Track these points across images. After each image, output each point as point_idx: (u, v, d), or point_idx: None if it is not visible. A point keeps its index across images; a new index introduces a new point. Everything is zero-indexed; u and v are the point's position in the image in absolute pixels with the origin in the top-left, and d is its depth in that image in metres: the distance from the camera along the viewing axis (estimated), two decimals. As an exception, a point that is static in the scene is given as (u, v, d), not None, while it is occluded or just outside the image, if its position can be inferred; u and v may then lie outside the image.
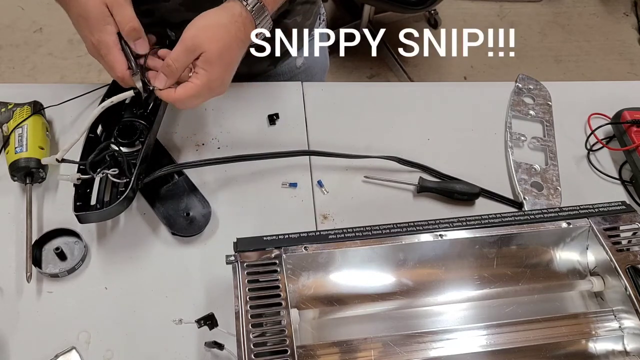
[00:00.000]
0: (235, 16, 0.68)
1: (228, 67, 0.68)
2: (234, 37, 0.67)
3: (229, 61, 0.68)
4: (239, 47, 0.68)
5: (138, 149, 0.72)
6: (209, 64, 0.66)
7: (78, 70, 2.11)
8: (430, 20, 2.43)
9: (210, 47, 0.66)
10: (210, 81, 0.67)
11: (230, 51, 0.67)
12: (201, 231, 0.73)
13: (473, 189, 0.80)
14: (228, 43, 0.67)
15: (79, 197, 0.69)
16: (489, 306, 0.68)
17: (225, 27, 0.67)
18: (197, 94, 0.67)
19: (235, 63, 0.69)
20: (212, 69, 0.66)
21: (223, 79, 0.68)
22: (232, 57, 0.68)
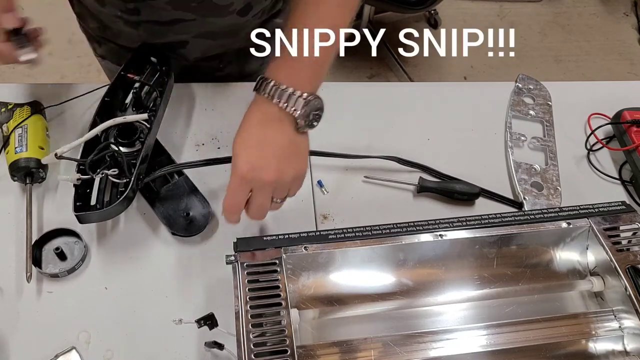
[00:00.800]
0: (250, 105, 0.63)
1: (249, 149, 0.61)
2: (246, 120, 0.62)
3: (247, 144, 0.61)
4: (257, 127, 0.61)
5: (138, 149, 0.72)
6: (233, 161, 0.61)
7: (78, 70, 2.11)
8: (430, 20, 2.43)
9: (234, 147, 0.62)
10: (236, 171, 0.60)
11: (246, 134, 0.61)
12: (201, 231, 0.73)
13: (473, 189, 0.80)
14: (241, 130, 0.62)
15: (79, 197, 0.69)
16: (489, 306, 0.68)
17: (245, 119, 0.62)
18: (232, 189, 0.61)
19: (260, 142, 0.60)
20: (235, 163, 0.61)
21: (248, 162, 0.60)
22: (250, 138, 0.61)
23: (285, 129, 0.61)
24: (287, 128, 0.61)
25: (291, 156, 0.62)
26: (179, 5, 0.78)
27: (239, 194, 0.62)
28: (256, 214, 0.63)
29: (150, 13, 0.80)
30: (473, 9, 2.53)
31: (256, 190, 0.61)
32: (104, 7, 0.81)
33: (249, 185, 0.61)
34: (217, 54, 0.91)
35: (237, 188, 0.61)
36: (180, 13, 0.79)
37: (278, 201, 0.64)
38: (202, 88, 0.89)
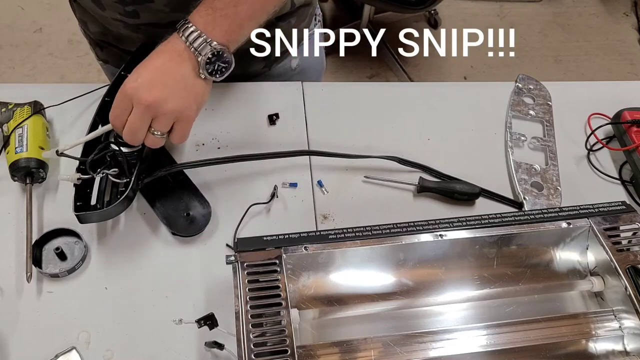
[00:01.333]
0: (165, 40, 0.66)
1: (142, 73, 0.64)
2: (156, 51, 0.65)
3: (142, 69, 0.64)
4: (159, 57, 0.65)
5: (138, 149, 0.72)
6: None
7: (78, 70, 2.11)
8: (430, 20, 2.43)
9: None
10: (121, 89, 0.63)
11: (146, 61, 0.65)
12: (201, 231, 0.73)
13: (473, 189, 0.80)
14: (148, 57, 0.65)
15: (79, 197, 0.69)
16: (489, 306, 0.68)
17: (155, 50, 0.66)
18: (116, 103, 0.64)
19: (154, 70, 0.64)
20: (125, 80, 0.64)
21: (135, 81, 0.63)
22: (147, 65, 0.64)
23: (184, 66, 0.64)
24: (186, 66, 0.64)
25: (180, 91, 0.64)
26: (178, 7, 0.78)
27: (119, 107, 0.64)
28: (128, 134, 0.65)
29: (150, 16, 0.80)
30: (473, 9, 2.53)
31: (135, 108, 0.63)
32: (104, 11, 0.81)
33: (128, 101, 0.63)
34: None
35: (118, 100, 0.64)
36: (178, 15, 0.79)
37: (156, 134, 0.65)
38: (202, 88, 0.89)
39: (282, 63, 0.98)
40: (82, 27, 0.95)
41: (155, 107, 0.63)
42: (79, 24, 0.95)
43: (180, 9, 0.78)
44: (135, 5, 0.78)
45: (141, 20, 0.81)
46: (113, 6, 0.79)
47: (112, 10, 0.80)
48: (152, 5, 0.78)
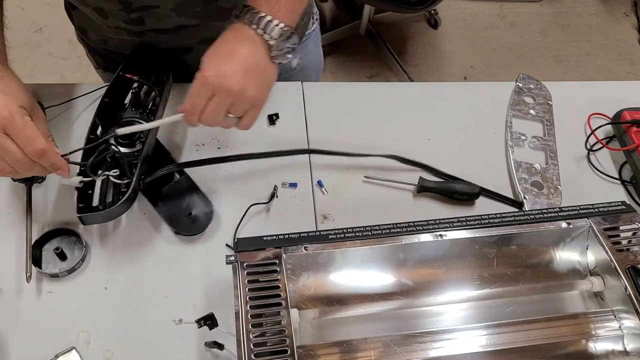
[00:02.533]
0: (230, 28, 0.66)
1: (218, 58, 0.63)
2: (227, 38, 0.65)
3: (216, 53, 0.64)
4: (228, 41, 0.64)
5: (138, 149, 0.72)
6: (202, 66, 0.64)
7: (78, 70, 2.11)
8: (430, 20, 2.43)
9: (205, 56, 0.64)
10: (201, 74, 0.63)
11: (219, 47, 0.64)
12: (204, 230, 0.73)
13: (473, 188, 0.80)
14: (221, 43, 0.65)
15: (81, 198, 0.69)
16: (489, 306, 0.68)
17: (221, 37, 0.65)
18: (195, 90, 0.63)
19: (230, 54, 0.64)
20: (203, 67, 0.63)
21: (214, 68, 0.63)
22: (220, 50, 0.64)
23: (258, 51, 0.64)
24: (260, 51, 0.64)
25: (257, 76, 0.64)
26: (183, 12, 0.77)
27: (199, 95, 0.63)
28: (207, 119, 0.65)
29: (155, 21, 0.79)
30: (473, 9, 2.53)
31: (216, 96, 0.63)
32: (107, 19, 0.80)
33: (210, 89, 0.63)
34: None
35: (200, 90, 0.63)
36: (184, 19, 0.79)
37: (232, 117, 0.65)
38: (202, 88, 0.89)
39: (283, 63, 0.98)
40: (80, 35, 0.94)
41: (238, 94, 0.63)
42: (76, 31, 0.94)
43: (186, 12, 0.78)
44: (140, 12, 0.77)
45: (146, 26, 0.80)
46: (117, 14, 0.78)
47: (115, 19, 0.79)
48: (157, 10, 0.77)
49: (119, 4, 0.75)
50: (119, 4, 0.75)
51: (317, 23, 1.04)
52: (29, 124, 0.62)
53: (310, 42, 1.01)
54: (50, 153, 0.63)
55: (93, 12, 0.79)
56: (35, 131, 0.62)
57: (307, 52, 1.02)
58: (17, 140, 0.61)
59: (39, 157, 0.62)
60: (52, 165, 0.64)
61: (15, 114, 0.60)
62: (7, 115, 0.60)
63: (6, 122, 0.60)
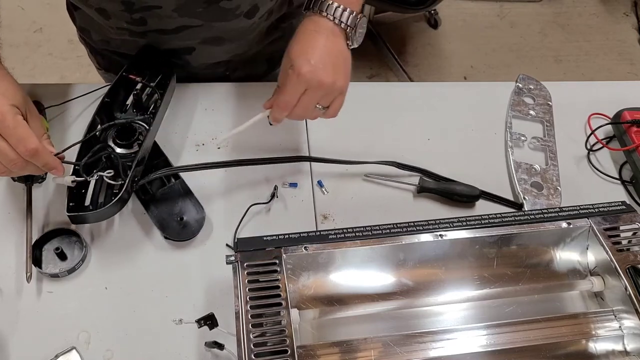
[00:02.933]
0: (304, 21, 0.68)
1: (308, 52, 0.65)
2: (303, 32, 0.67)
3: (306, 48, 0.65)
4: (313, 36, 0.66)
5: (135, 151, 0.72)
6: (292, 63, 0.65)
7: (78, 70, 2.11)
8: (430, 20, 2.43)
9: (291, 53, 0.66)
10: (295, 70, 0.64)
11: (305, 41, 0.66)
12: (194, 236, 0.73)
13: (473, 191, 0.80)
14: (301, 39, 0.67)
15: (73, 197, 0.68)
16: (489, 306, 0.68)
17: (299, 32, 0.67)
18: (289, 87, 0.65)
19: (317, 47, 0.65)
20: (295, 64, 0.64)
21: (307, 62, 0.64)
22: (307, 44, 0.66)
23: (338, 41, 0.67)
24: (340, 40, 0.67)
25: (342, 65, 0.67)
26: (186, 12, 0.77)
27: (295, 92, 0.65)
28: (300, 112, 0.67)
29: (157, 22, 0.79)
30: (473, 9, 2.53)
31: (310, 89, 0.65)
32: (109, 20, 0.80)
33: (305, 84, 0.65)
34: (223, 61, 0.91)
35: (295, 86, 0.65)
36: (186, 20, 0.79)
37: (320, 108, 0.68)
38: (203, 88, 0.89)
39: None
40: (82, 35, 0.94)
41: (330, 86, 0.66)
42: (77, 32, 0.94)
43: (188, 13, 0.78)
44: (142, 13, 0.77)
45: (148, 27, 0.80)
46: (119, 15, 0.78)
47: (118, 19, 0.79)
48: (160, 11, 0.77)
49: (121, 4, 0.75)
50: (121, 5, 0.75)
51: None
52: (21, 124, 0.62)
53: None
54: (43, 153, 0.63)
55: (95, 12, 0.79)
56: (27, 131, 0.62)
57: None
58: (9, 139, 0.61)
59: (31, 157, 0.62)
60: (46, 165, 0.64)
61: (6, 113, 0.61)
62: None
63: None
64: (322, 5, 0.66)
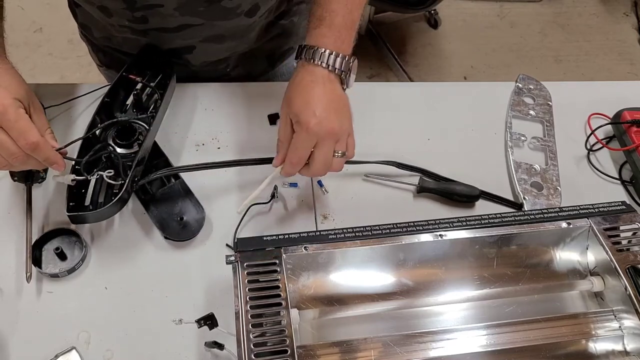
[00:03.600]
0: (298, 70, 0.69)
1: (311, 104, 0.65)
2: (300, 83, 0.68)
3: (309, 100, 0.66)
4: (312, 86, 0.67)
5: (135, 151, 0.72)
6: (295, 115, 0.66)
7: (78, 70, 2.11)
8: (430, 20, 2.43)
9: (292, 104, 0.67)
10: (302, 125, 0.65)
11: (306, 93, 0.66)
12: (194, 236, 0.73)
13: (473, 191, 0.80)
14: (301, 91, 0.67)
15: (73, 197, 0.68)
16: (489, 306, 0.68)
17: (293, 84, 0.68)
18: (296, 143, 0.66)
19: (318, 98, 0.66)
20: (299, 116, 0.65)
21: (313, 115, 0.64)
22: (309, 96, 0.66)
23: (335, 87, 0.68)
24: (337, 86, 0.68)
25: (343, 109, 0.68)
26: (187, 11, 0.78)
27: (305, 147, 0.66)
28: (321, 167, 0.67)
29: (159, 20, 0.79)
30: (473, 9, 2.53)
31: (321, 141, 0.65)
32: (111, 18, 0.80)
33: (315, 137, 0.65)
34: (223, 58, 0.91)
35: (305, 140, 0.65)
36: (187, 18, 0.79)
37: (339, 154, 0.68)
38: (202, 88, 0.89)
39: (285, 62, 0.99)
40: (83, 32, 0.94)
41: (339, 133, 0.66)
42: (79, 29, 0.94)
43: (189, 12, 0.78)
44: (144, 11, 0.77)
45: (150, 25, 0.80)
46: (121, 13, 0.78)
47: (119, 17, 0.79)
48: (161, 9, 0.77)
49: (123, 2, 0.75)
50: (123, 3, 0.76)
51: None
52: (23, 117, 0.62)
53: None
54: (44, 147, 0.63)
55: (97, 10, 0.79)
56: (28, 124, 0.62)
57: None
58: (11, 133, 0.61)
59: (32, 151, 0.62)
60: (47, 160, 0.64)
61: (9, 107, 0.61)
62: (1, 109, 0.60)
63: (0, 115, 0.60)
64: (315, 54, 0.67)
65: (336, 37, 0.68)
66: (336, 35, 0.68)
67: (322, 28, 0.68)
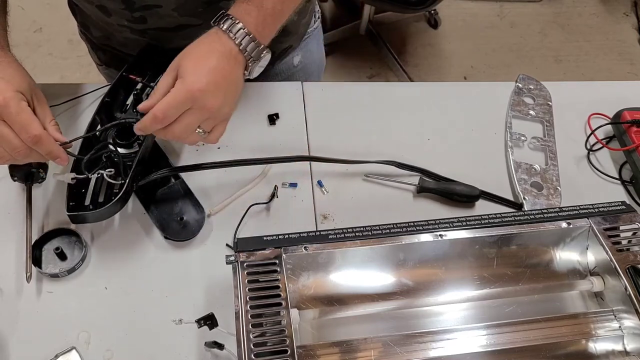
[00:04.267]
0: (210, 35, 0.65)
1: (207, 73, 0.62)
2: (208, 47, 0.64)
3: (207, 68, 0.62)
4: (218, 57, 0.63)
5: (135, 151, 0.72)
6: (184, 71, 0.62)
7: (78, 70, 2.11)
8: (430, 20, 2.43)
9: (185, 59, 0.63)
10: (186, 86, 0.61)
11: (207, 59, 0.63)
12: (194, 236, 0.73)
13: (473, 191, 0.80)
14: (202, 52, 0.63)
15: (73, 196, 0.68)
16: (489, 306, 0.68)
17: (198, 42, 0.64)
18: (174, 102, 0.61)
19: (217, 71, 0.63)
20: (187, 75, 0.61)
21: (201, 82, 0.61)
22: (210, 64, 0.62)
23: (238, 70, 0.65)
24: (239, 68, 0.65)
25: (233, 95, 0.65)
26: (185, 12, 0.78)
27: (178, 106, 0.61)
28: (180, 133, 0.63)
29: (157, 20, 0.79)
30: (473, 9, 2.53)
31: (195, 110, 0.62)
32: (110, 17, 0.80)
33: (191, 102, 0.61)
34: None
35: (180, 99, 0.61)
36: (186, 19, 0.79)
37: (201, 132, 0.65)
38: (202, 88, 0.89)
39: (285, 60, 0.99)
40: (82, 31, 0.94)
41: (216, 111, 0.63)
42: (78, 27, 0.94)
43: (188, 12, 0.78)
44: (142, 11, 0.78)
45: (148, 25, 0.80)
46: (120, 13, 0.78)
47: (118, 17, 0.79)
48: (160, 10, 0.77)
49: (121, 3, 0.75)
50: (121, 3, 0.76)
51: (319, 21, 1.04)
52: (25, 110, 0.61)
53: (312, 40, 1.01)
54: (46, 140, 0.62)
55: (96, 9, 0.79)
56: (30, 117, 0.61)
57: (309, 50, 1.02)
58: (13, 126, 0.60)
59: (34, 144, 0.61)
60: (49, 154, 0.64)
61: (10, 99, 0.60)
62: (2, 101, 0.60)
63: (1, 109, 0.60)
64: (233, 27, 0.64)
65: (260, 20, 0.65)
66: (261, 19, 0.65)
67: (249, 5, 0.65)
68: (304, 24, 0.97)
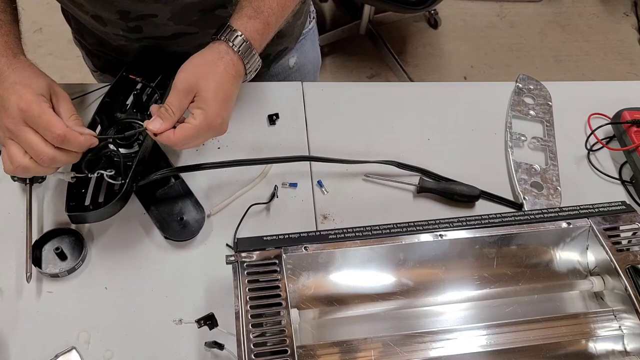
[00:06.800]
0: (221, 53, 0.66)
1: (224, 103, 0.65)
2: (224, 72, 0.65)
3: (224, 97, 0.65)
4: (232, 83, 0.66)
5: (135, 151, 0.72)
6: (205, 102, 0.64)
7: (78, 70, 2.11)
8: (430, 20, 2.43)
9: (204, 85, 0.64)
10: (209, 119, 0.64)
11: (224, 87, 0.65)
12: (194, 236, 0.73)
13: (473, 191, 0.80)
14: (220, 80, 0.65)
15: (73, 196, 0.68)
16: (489, 306, 0.68)
17: (213, 64, 0.65)
18: (196, 134, 0.64)
19: (231, 99, 0.66)
20: (208, 107, 0.64)
21: (222, 116, 0.65)
22: (226, 93, 0.65)
23: (239, 83, 0.68)
24: (239, 82, 0.68)
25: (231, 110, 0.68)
26: (181, 20, 0.78)
27: (200, 137, 0.65)
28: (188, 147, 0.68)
29: (153, 29, 0.79)
30: (473, 9, 2.53)
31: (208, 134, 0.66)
32: (105, 27, 0.80)
33: (212, 133, 0.66)
34: None
35: (202, 133, 0.65)
36: (182, 27, 0.79)
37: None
38: (202, 88, 0.89)
39: (281, 62, 0.99)
40: (77, 37, 0.94)
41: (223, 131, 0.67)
42: (72, 33, 0.94)
43: (183, 21, 0.78)
44: (138, 21, 0.78)
45: (144, 34, 0.80)
46: (115, 22, 0.78)
47: (113, 26, 0.79)
48: (155, 19, 0.77)
49: (116, 13, 0.75)
50: (116, 14, 0.76)
51: (314, 21, 1.04)
52: (46, 111, 0.61)
53: (307, 40, 1.02)
54: (71, 136, 0.61)
55: (91, 19, 0.79)
56: (52, 117, 0.61)
57: (304, 50, 1.02)
58: (37, 129, 0.60)
59: (61, 143, 0.61)
60: (80, 147, 0.63)
61: (32, 102, 0.60)
62: (25, 106, 0.60)
63: (24, 113, 0.60)
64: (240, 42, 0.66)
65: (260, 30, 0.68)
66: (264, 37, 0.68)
67: (256, 22, 0.67)
68: (299, 25, 0.97)
